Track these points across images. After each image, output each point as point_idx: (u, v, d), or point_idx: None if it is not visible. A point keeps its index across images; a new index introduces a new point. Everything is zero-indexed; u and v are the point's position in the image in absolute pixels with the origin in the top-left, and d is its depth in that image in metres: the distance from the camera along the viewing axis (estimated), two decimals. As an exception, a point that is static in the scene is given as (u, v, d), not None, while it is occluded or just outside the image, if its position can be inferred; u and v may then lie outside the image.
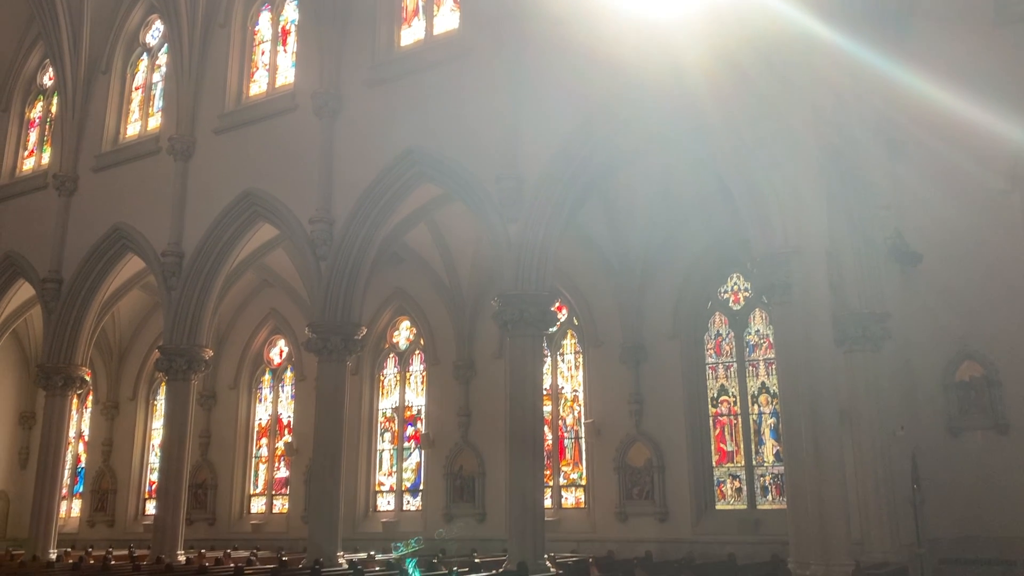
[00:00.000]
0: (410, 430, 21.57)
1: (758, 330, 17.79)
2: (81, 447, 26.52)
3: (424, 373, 21.55)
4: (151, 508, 23.04)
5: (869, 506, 13.84)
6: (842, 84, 13.71)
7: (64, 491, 23.11)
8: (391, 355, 22.34)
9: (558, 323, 18.38)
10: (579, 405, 19.48)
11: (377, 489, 21.53)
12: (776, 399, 16.18)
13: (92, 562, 16.37)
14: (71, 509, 25.79)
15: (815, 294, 11.21)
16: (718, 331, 18.23)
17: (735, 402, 17.71)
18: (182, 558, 16.83)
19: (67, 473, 24.14)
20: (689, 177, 16.39)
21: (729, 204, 13.03)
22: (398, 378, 22.09)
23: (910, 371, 14.98)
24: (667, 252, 18.22)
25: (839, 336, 13.70)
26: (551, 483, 18.75)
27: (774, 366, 15.73)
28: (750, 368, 17.75)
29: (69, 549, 20.38)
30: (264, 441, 23.83)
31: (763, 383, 17.47)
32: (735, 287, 18.25)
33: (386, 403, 22.09)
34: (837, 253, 13.54)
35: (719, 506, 17.35)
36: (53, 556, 18.49)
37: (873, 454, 14.03)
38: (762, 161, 11.63)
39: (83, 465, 26.21)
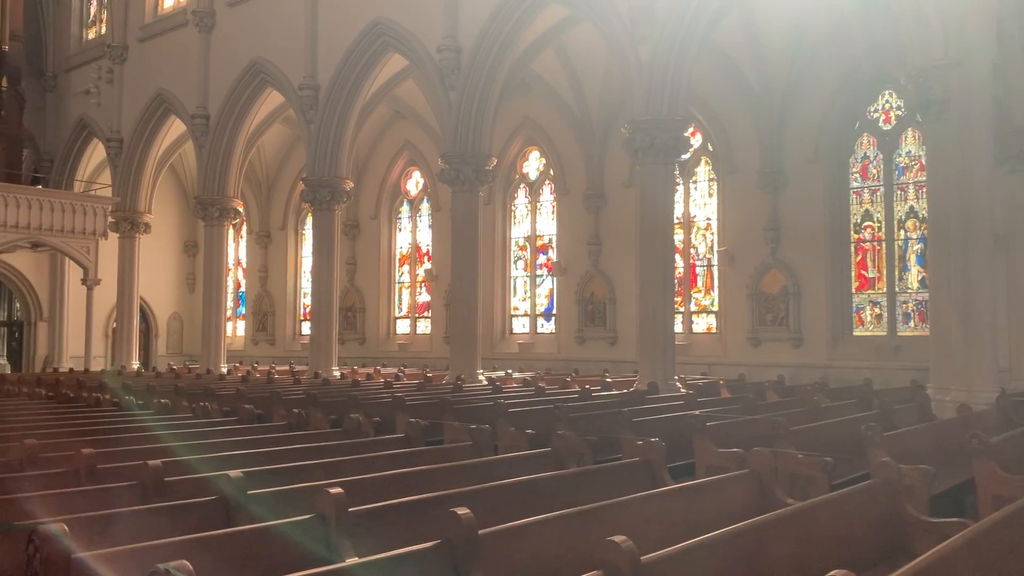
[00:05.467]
0: (542, 258, 22.02)
1: (909, 151, 16.70)
2: (240, 273, 28.70)
3: (554, 203, 21.68)
4: (306, 329, 24.93)
5: (1021, 333, 13.28)
6: None
7: (229, 313, 25.28)
8: (522, 185, 22.50)
9: (691, 149, 17.84)
10: (712, 233, 19.21)
11: (512, 313, 22.38)
12: (925, 224, 15.39)
13: (258, 375, 18.10)
14: (236, 329, 28.28)
15: (976, 110, 10.33)
16: (865, 153, 17.24)
17: (880, 228, 16.98)
18: (336, 373, 18.32)
19: (230, 297, 26.32)
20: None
21: (884, 14, 11.94)
22: (529, 208, 22.34)
23: (1080, 193, 13.80)
24: (812, 69, 17.06)
25: (1000, 155, 12.67)
26: (682, 309, 18.89)
27: (925, 189, 14.88)
28: (898, 192, 16.84)
29: (237, 364, 22.56)
30: (405, 268, 25.00)
31: (911, 207, 16.59)
32: (886, 105, 17.03)
33: (518, 232, 22.51)
34: (1004, 64, 12.29)
35: (856, 332, 17.09)
36: (224, 370, 20.53)
37: (1029, 280, 13.30)
38: (925, -39, 10.47)
39: (243, 289, 28.47)
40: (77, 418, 9.10)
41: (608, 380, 14.30)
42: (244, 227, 28.05)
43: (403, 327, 24.87)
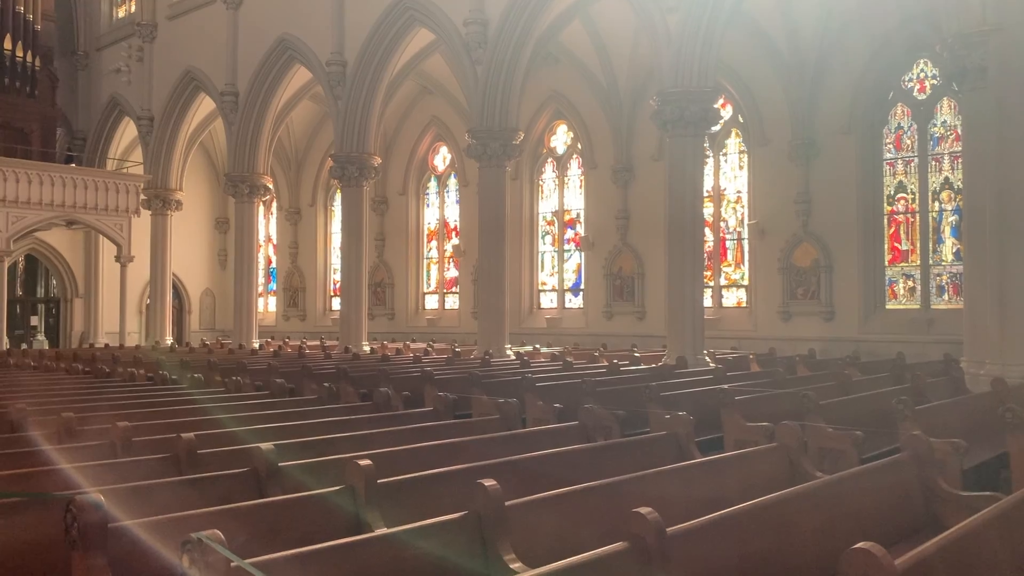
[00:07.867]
0: (569, 233, 21.96)
1: (944, 121, 16.36)
2: (271, 249, 28.97)
3: (582, 177, 21.57)
4: (336, 304, 25.13)
5: (1057, 307, 13.00)
6: None
7: (260, 289, 25.55)
8: (549, 159, 22.40)
9: (721, 121, 17.61)
10: (742, 206, 19.01)
11: (540, 288, 22.38)
12: (960, 195, 15.11)
13: (289, 350, 18.29)
14: (267, 305, 28.59)
15: (1015, 78, 10.04)
16: (899, 124, 16.91)
17: (914, 199, 16.70)
18: (366, 348, 18.47)
19: (261, 273, 26.59)
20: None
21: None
22: (556, 182, 22.25)
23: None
24: (845, 37, 16.73)
25: (1040, 124, 12.36)
26: (711, 283, 18.77)
27: (960, 160, 14.60)
28: (933, 163, 16.53)
29: (269, 339, 22.82)
30: (433, 243, 25.07)
31: (946, 178, 16.29)
32: (921, 74, 16.67)
33: (545, 207, 22.45)
34: (1046, 29, 11.95)
35: (889, 306, 16.87)
36: (256, 345, 20.79)
37: (1068, 252, 12.99)
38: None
39: (274, 265, 28.74)
40: (112, 392, 9.28)
41: (636, 355, 14.27)
42: (274, 204, 28.26)
43: (432, 302, 24.98)
